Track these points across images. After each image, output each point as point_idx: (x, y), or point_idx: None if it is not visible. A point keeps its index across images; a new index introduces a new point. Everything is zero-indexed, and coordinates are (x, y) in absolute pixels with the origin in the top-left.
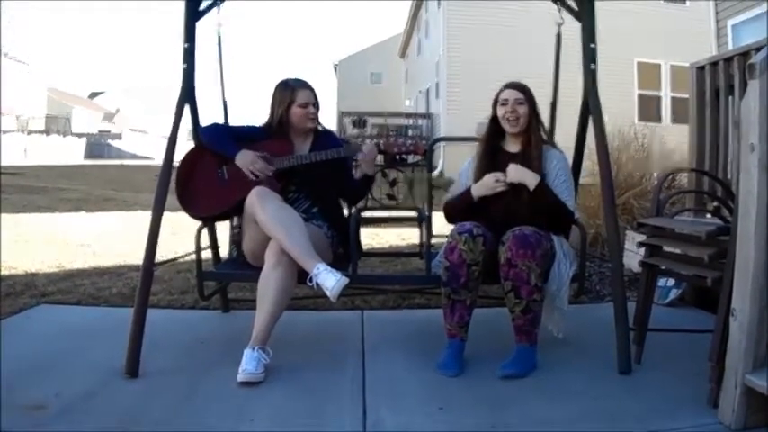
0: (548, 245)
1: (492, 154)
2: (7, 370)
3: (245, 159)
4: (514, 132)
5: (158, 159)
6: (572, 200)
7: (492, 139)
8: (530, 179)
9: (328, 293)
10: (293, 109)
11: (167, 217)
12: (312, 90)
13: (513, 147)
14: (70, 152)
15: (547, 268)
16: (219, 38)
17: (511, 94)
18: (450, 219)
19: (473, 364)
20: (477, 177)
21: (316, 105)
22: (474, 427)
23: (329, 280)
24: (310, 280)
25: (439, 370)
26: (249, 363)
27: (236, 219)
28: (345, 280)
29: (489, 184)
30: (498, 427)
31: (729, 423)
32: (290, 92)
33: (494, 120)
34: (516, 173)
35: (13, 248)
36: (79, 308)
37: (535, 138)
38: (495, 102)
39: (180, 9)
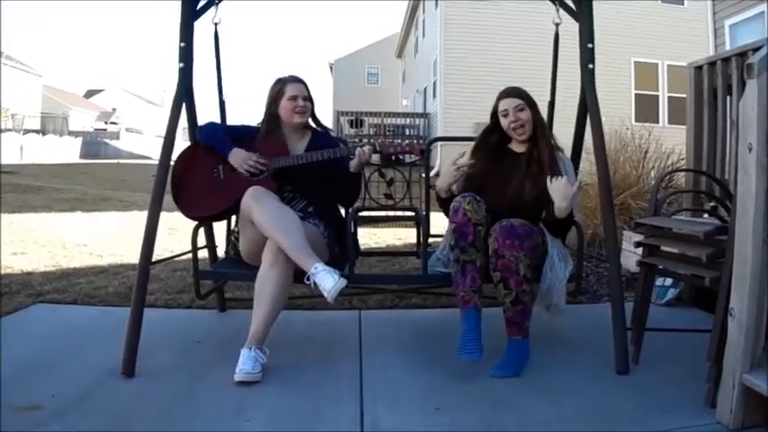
0: (538, 239)
1: (496, 156)
2: (3, 370)
3: (238, 157)
4: (524, 140)
5: (155, 158)
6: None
7: (495, 145)
8: (567, 204)
9: (326, 294)
10: (282, 103)
11: (164, 216)
12: (303, 84)
13: (519, 147)
14: (66, 151)
15: (540, 263)
16: (216, 37)
17: (509, 103)
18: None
19: (470, 364)
20: (477, 173)
21: (308, 99)
22: (471, 427)
23: (327, 281)
24: (308, 279)
25: (460, 356)
26: (246, 362)
27: (234, 218)
28: (344, 282)
29: (450, 170)
30: (495, 427)
31: (727, 423)
32: (281, 86)
33: (494, 128)
34: (566, 190)
35: (8, 248)
36: (75, 307)
37: (544, 141)
38: (495, 113)
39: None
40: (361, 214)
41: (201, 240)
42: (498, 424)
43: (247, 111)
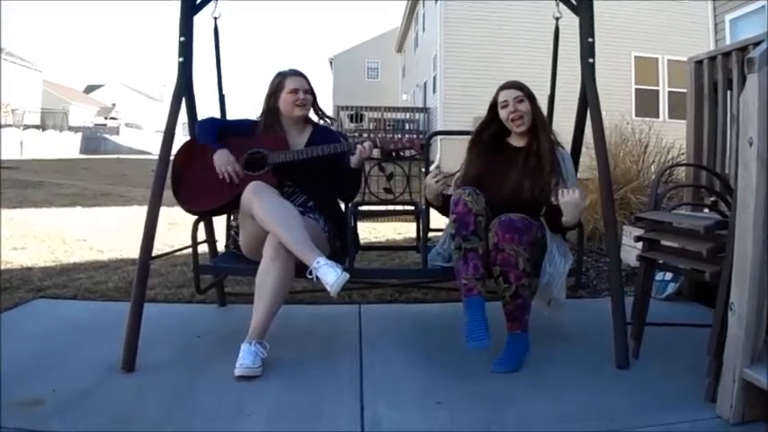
0: (537, 233)
1: (494, 150)
2: (3, 365)
3: (222, 159)
4: (522, 131)
5: (155, 153)
6: None
7: (492, 140)
8: (578, 215)
9: (329, 288)
10: (282, 96)
11: (163, 210)
12: (304, 77)
13: (518, 142)
14: (66, 147)
15: (539, 259)
16: (216, 31)
17: (509, 95)
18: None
19: (470, 359)
20: (475, 169)
21: (309, 92)
22: (471, 423)
23: (330, 275)
24: (310, 273)
25: (468, 344)
26: (246, 357)
27: (233, 212)
28: (346, 276)
29: (430, 184)
30: (495, 423)
31: (728, 417)
32: (281, 79)
33: (492, 121)
34: (578, 205)
35: (8, 243)
36: (75, 302)
37: (544, 136)
38: (494, 105)
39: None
40: (360, 208)
41: (201, 235)
42: (499, 421)
43: (247, 107)
